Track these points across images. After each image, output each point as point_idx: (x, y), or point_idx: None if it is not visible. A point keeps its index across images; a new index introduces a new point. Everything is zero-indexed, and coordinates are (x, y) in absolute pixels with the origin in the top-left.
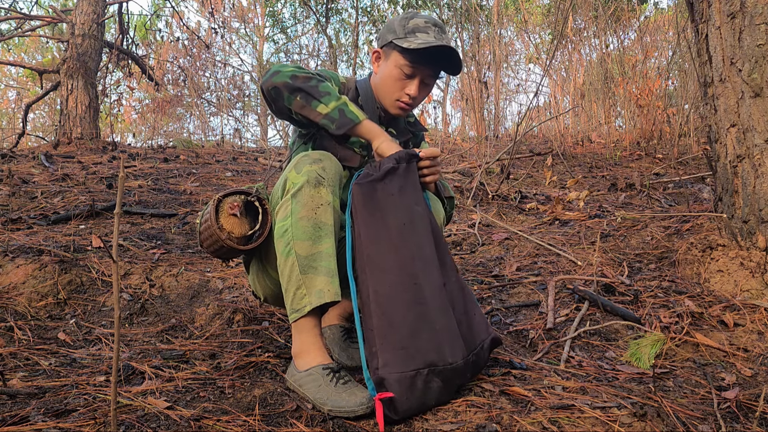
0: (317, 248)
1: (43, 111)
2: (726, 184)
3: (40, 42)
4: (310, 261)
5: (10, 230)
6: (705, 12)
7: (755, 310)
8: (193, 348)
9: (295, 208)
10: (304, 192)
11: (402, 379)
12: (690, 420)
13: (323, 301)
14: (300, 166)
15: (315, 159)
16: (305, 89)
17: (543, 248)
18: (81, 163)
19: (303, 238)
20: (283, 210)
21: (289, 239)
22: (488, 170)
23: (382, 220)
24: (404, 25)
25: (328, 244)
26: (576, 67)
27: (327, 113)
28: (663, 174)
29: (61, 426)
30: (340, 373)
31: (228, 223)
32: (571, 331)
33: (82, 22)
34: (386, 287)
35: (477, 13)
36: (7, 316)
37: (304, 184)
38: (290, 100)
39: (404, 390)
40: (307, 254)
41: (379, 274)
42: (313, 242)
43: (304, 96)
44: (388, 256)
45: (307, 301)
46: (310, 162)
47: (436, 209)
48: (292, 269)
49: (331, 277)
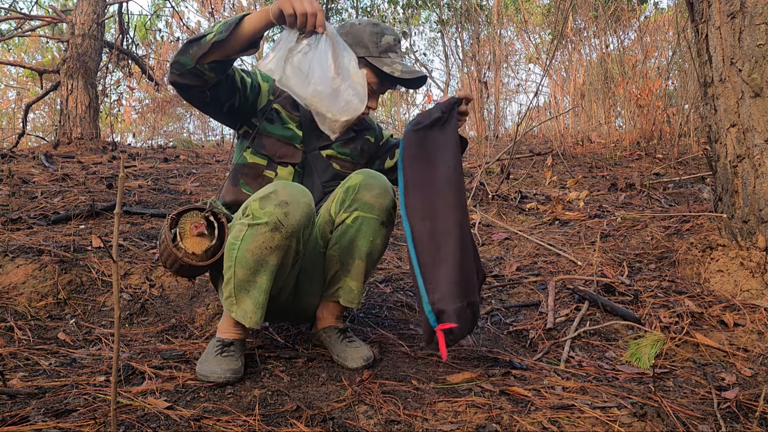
0: (254, 279)
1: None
2: (726, 184)
3: (40, 42)
4: (245, 284)
5: (10, 230)
6: (705, 12)
7: (755, 310)
8: (193, 348)
9: (247, 238)
10: (260, 230)
11: (458, 310)
12: (690, 420)
13: (244, 322)
14: (265, 203)
15: (281, 202)
16: (192, 40)
17: (543, 248)
18: (81, 163)
19: (244, 266)
20: (237, 231)
21: (234, 258)
22: (488, 170)
23: (433, 166)
24: (377, 43)
25: (264, 279)
26: (576, 67)
27: (214, 31)
28: (663, 174)
29: (61, 426)
30: (230, 347)
31: (190, 242)
32: (571, 331)
33: (82, 22)
34: (440, 228)
35: (477, 13)
36: (7, 316)
37: (263, 224)
38: (187, 59)
39: (460, 320)
40: (243, 278)
41: (433, 216)
42: (252, 273)
43: (193, 43)
44: (439, 199)
45: (234, 309)
46: (276, 203)
47: None
48: (229, 281)
49: (256, 308)
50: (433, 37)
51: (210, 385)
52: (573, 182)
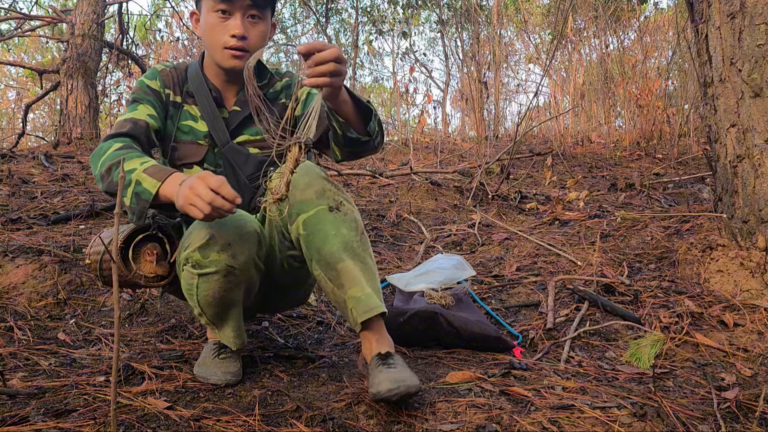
0: (226, 312)
1: (43, 111)
2: (726, 184)
3: (40, 42)
4: (218, 318)
5: (10, 230)
6: (705, 12)
7: (755, 310)
8: (193, 348)
9: (201, 285)
10: (213, 278)
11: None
12: (690, 420)
13: (230, 346)
14: (207, 252)
15: (224, 245)
16: (110, 191)
17: (543, 248)
18: (81, 163)
19: (211, 305)
20: (187, 278)
21: (196, 302)
22: (488, 170)
23: None
24: None
25: (236, 310)
26: (576, 67)
27: (128, 206)
28: (663, 174)
29: (61, 426)
30: (226, 349)
31: (146, 267)
32: (571, 331)
33: (82, 22)
34: None
35: (477, 13)
36: (7, 316)
37: (214, 272)
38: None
39: None
40: (214, 314)
41: None
42: (222, 308)
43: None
44: None
45: (217, 333)
46: (218, 249)
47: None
48: (201, 316)
49: (237, 333)
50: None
51: (210, 385)
52: (573, 182)
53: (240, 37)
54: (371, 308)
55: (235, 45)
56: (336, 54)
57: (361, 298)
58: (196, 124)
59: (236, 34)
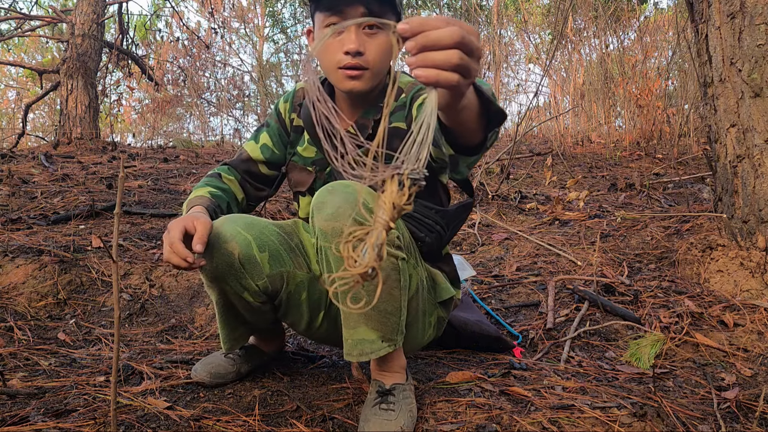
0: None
1: (43, 111)
2: (726, 184)
3: (40, 42)
4: (218, 318)
5: (10, 230)
6: (705, 12)
7: (755, 310)
8: (193, 348)
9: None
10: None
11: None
12: (690, 420)
13: (222, 345)
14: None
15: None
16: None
17: (543, 248)
18: (81, 163)
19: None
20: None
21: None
22: (488, 170)
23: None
24: None
25: (231, 321)
26: (576, 67)
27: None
28: (663, 174)
29: (61, 426)
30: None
31: None
32: (571, 331)
33: (82, 22)
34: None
35: (477, 13)
36: (7, 316)
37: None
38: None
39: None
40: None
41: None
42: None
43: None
44: None
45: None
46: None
47: None
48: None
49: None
50: None
51: (210, 386)
52: (573, 182)
53: (354, 53)
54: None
55: (349, 63)
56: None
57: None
58: (306, 151)
59: (350, 51)
